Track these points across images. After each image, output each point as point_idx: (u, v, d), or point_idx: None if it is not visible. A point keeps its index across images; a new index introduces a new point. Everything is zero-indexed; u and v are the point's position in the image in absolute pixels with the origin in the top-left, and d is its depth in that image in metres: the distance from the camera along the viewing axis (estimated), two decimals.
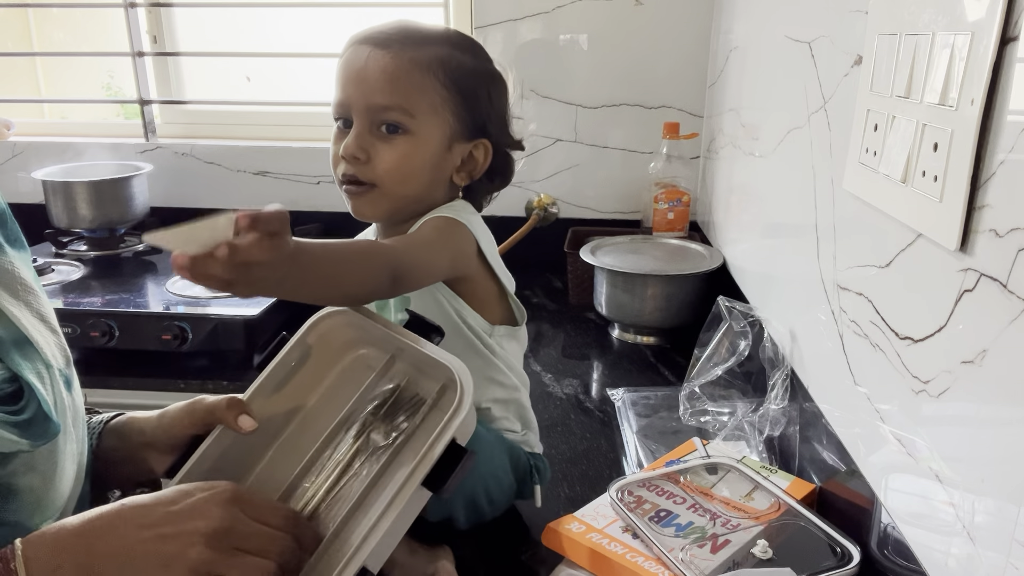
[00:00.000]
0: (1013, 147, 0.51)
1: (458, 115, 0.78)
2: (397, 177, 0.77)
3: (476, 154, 0.81)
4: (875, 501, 0.71)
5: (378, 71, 0.75)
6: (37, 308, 0.65)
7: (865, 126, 0.73)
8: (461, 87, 0.78)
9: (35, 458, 0.60)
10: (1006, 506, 0.50)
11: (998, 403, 0.52)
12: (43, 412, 0.60)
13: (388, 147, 0.76)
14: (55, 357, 0.65)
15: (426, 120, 0.76)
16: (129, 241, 1.73)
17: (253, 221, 0.52)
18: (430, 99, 0.76)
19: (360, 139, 0.76)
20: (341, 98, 0.77)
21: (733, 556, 0.73)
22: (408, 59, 0.75)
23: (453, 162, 0.80)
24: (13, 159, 1.86)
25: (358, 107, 0.76)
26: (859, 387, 0.76)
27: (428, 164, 0.78)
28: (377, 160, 0.76)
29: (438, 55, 0.77)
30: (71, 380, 0.67)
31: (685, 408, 1.04)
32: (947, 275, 0.58)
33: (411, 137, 0.76)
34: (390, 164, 0.76)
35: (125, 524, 0.54)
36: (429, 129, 0.77)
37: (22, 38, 2.06)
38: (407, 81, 0.75)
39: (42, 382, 0.61)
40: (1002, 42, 0.52)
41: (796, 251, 0.99)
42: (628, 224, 1.72)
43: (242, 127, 1.89)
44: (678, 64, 1.65)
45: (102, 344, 1.28)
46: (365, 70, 0.75)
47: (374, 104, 0.75)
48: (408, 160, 0.77)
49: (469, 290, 0.81)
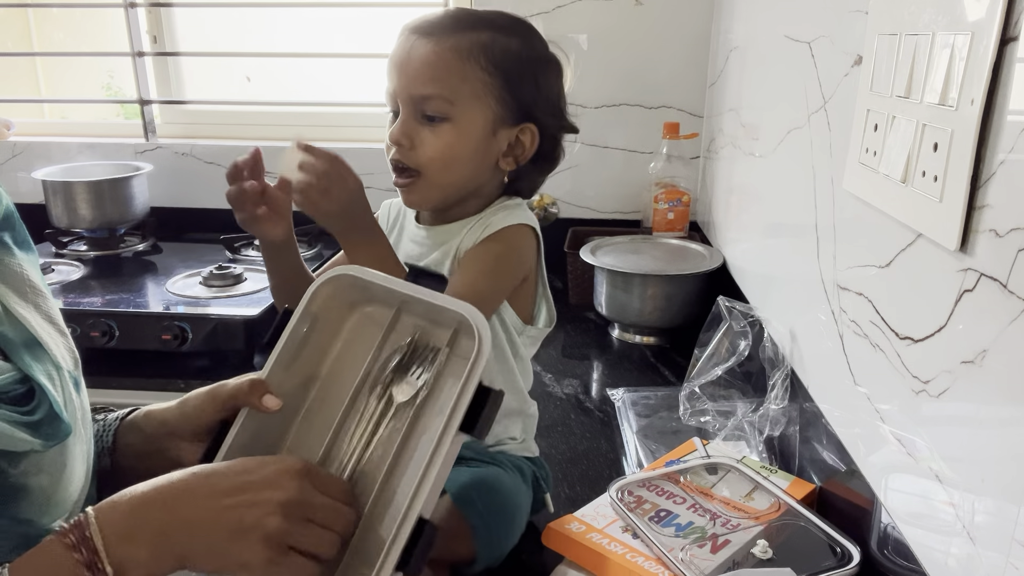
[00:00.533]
0: (1013, 147, 0.51)
1: (502, 100, 0.78)
2: (440, 164, 0.78)
3: (523, 138, 0.81)
4: (875, 501, 0.71)
5: (419, 61, 0.76)
6: (46, 310, 0.66)
7: (865, 126, 0.73)
8: (505, 71, 0.78)
9: (45, 458, 0.60)
10: (1006, 506, 0.50)
11: (998, 403, 0.52)
12: (54, 412, 0.60)
13: (431, 135, 0.77)
14: (64, 359, 0.65)
15: (468, 107, 0.77)
16: (129, 241, 1.73)
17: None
18: (471, 86, 0.77)
19: (405, 126, 0.77)
20: (389, 88, 0.79)
21: (733, 556, 0.73)
22: (449, 47, 0.76)
23: (499, 147, 0.80)
24: (13, 159, 1.86)
25: (403, 96, 0.77)
26: (859, 387, 0.76)
27: (472, 150, 0.79)
28: (421, 147, 0.78)
29: (480, 40, 0.77)
30: (79, 382, 0.67)
31: (685, 408, 1.04)
32: (947, 275, 0.58)
33: (453, 125, 0.77)
34: (433, 151, 0.77)
35: (201, 491, 0.55)
36: (471, 115, 0.77)
37: (22, 38, 2.06)
38: (447, 69, 0.76)
39: (52, 383, 0.61)
40: (1002, 42, 0.52)
41: (796, 251, 0.99)
42: (628, 224, 1.72)
43: (242, 127, 1.89)
44: (678, 64, 1.65)
45: (102, 344, 1.28)
46: (408, 60, 0.77)
47: (416, 94, 0.77)
48: (451, 147, 0.77)
49: (516, 288, 0.82)
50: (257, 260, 1.60)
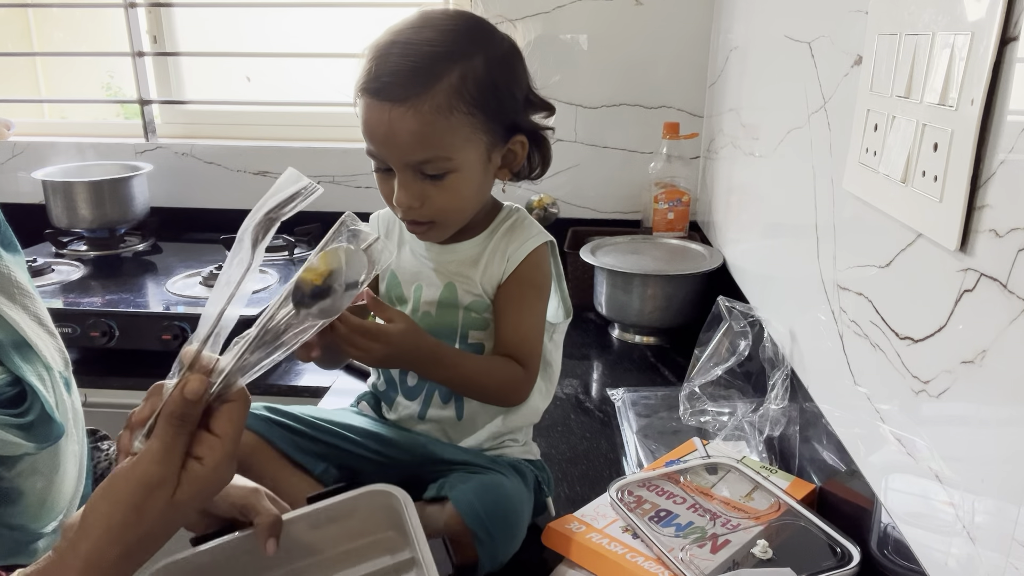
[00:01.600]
0: (1013, 147, 0.51)
1: (489, 130, 0.78)
2: (454, 210, 0.79)
3: (514, 148, 0.81)
4: (875, 501, 0.71)
5: (406, 133, 0.73)
6: (34, 311, 0.65)
7: (865, 126, 0.73)
8: (483, 103, 0.76)
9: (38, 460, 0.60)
10: (1006, 506, 0.50)
11: (998, 403, 0.52)
12: (46, 414, 0.60)
13: (438, 189, 0.77)
14: (54, 360, 0.65)
15: (464, 153, 0.76)
16: (129, 241, 1.73)
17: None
18: (462, 133, 0.75)
19: (408, 189, 0.76)
20: (374, 152, 0.77)
21: (733, 556, 0.73)
22: (429, 109, 0.73)
23: (495, 166, 0.81)
24: (13, 159, 1.86)
25: (397, 164, 0.76)
26: (859, 387, 0.76)
27: (477, 186, 0.80)
28: (431, 202, 0.77)
29: (452, 85, 0.73)
30: (70, 382, 0.67)
31: (685, 408, 1.04)
32: (947, 275, 0.58)
33: (458, 174, 0.77)
34: (445, 203, 0.78)
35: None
36: (469, 158, 0.77)
37: (22, 38, 2.06)
38: (435, 132, 0.74)
39: (44, 384, 0.61)
40: (1002, 42, 0.52)
41: (796, 251, 0.99)
42: (628, 224, 1.72)
43: (242, 127, 1.89)
44: (678, 64, 1.65)
45: (102, 344, 1.28)
46: (391, 134, 0.74)
47: (412, 161, 0.75)
48: (460, 193, 0.78)
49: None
50: None
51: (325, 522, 0.72)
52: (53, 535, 0.63)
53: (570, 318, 0.91)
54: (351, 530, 0.73)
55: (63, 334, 1.26)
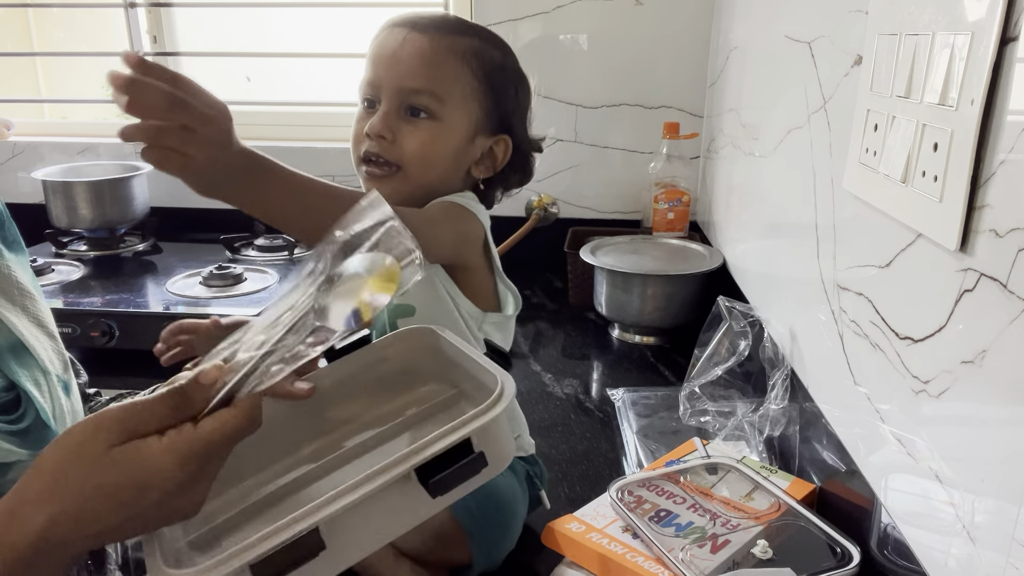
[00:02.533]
0: (1013, 147, 0.51)
1: (485, 107, 0.79)
2: (421, 161, 0.77)
3: (496, 149, 0.82)
4: (875, 501, 0.71)
5: (414, 53, 0.75)
6: (35, 313, 0.64)
7: (865, 126, 0.73)
8: (492, 80, 0.78)
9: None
10: (1006, 506, 0.50)
11: (998, 403, 0.52)
12: (41, 420, 0.59)
13: (414, 130, 0.76)
14: (52, 363, 0.64)
15: (455, 108, 0.77)
16: (129, 241, 1.73)
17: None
18: (461, 87, 0.77)
19: (387, 119, 0.76)
20: (371, 77, 0.77)
21: (733, 556, 0.73)
22: (445, 45, 0.76)
23: (473, 155, 0.80)
24: (13, 159, 1.86)
25: (389, 88, 0.76)
26: (859, 387, 0.76)
27: (451, 152, 0.78)
28: (403, 141, 0.76)
29: (473, 46, 0.77)
30: (69, 385, 0.66)
31: (685, 408, 1.04)
32: (947, 275, 0.58)
33: (438, 123, 0.76)
34: (415, 147, 0.76)
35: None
36: (456, 117, 0.77)
37: (22, 38, 2.05)
38: (442, 66, 0.76)
39: (39, 390, 0.60)
40: (1002, 42, 0.52)
41: (796, 251, 0.99)
42: (628, 224, 1.72)
43: (242, 127, 1.87)
44: (678, 64, 1.65)
45: (102, 344, 1.28)
46: (401, 51, 0.75)
47: (406, 86, 0.75)
48: (433, 145, 0.77)
49: (465, 279, 0.81)
50: (257, 260, 1.60)
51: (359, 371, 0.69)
52: None
53: (519, 308, 0.86)
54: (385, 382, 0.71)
55: (63, 334, 1.26)
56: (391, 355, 0.73)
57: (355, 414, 0.71)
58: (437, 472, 0.54)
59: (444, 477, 0.53)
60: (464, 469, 0.55)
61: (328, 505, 0.50)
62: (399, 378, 0.73)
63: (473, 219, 0.80)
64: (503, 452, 0.59)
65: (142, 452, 0.46)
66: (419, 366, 0.73)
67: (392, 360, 0.73)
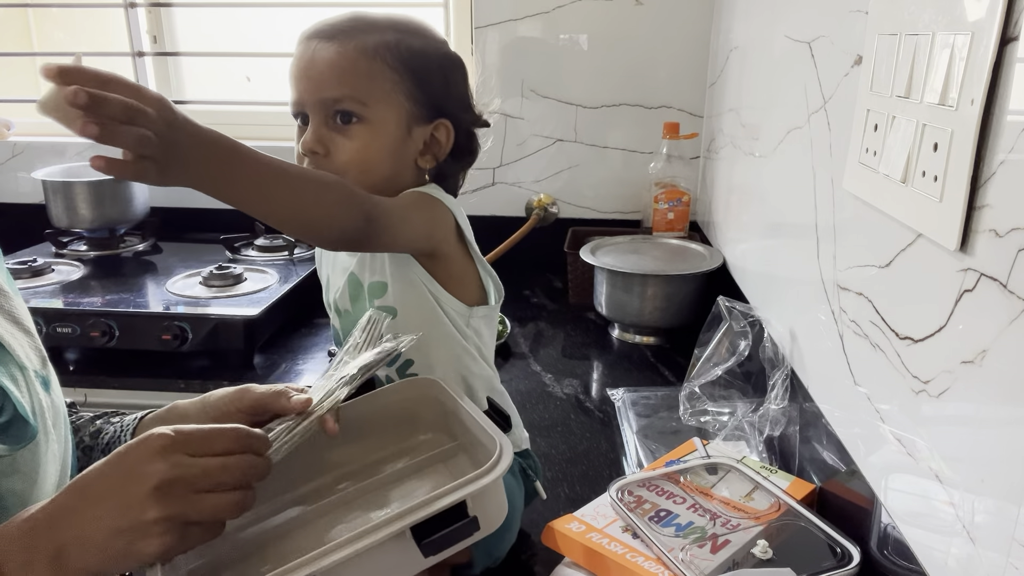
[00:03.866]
0: (1013, 147, 0.51)
1: (413, 97, 0.78)
2: (359, 167, 0.76)
3: (438, 135, 0.81)
4: (875, 501, 0.71)
5: (325, 63, 0.75)
6: (8, 310, 0.64)
7: (865, 126, 0.73)
8: (412, 69, 0.77)
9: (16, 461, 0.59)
10: (1006, 506, 0.50)
11: (998, 403, 0.52)
12: (19, 416, 0.59)
13: (345, 138, 0.76)
14: (30, 359, 0.64)
15: (379, 106, 0.76)
16: (129, 241, 1.73)
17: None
18: (380, 85, 0.76)
19: (317, 133, 0.75)
20: (294, 95, 0.77)
21: (733, 556, 0.73)
22: (353, 47, 0.75)
23: (415, 146, 0.80)
24: (13, 159, 1.86)
25: (311, 102, 0.76)
26: (859, 387, 0.76)
27: (388, 150, 0.78)
28: (337, 152, 0.76)
29: (384, 40, 0.76)
30: (48, 380, 0.66)
31: (685, 408, 1.04)
32: (947, 275, 0.58)
33: (367, 125, 0.76)
34: (350, 154, 0.76)
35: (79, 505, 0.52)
36: (384, 115, 0.76)
37: (22, 38, 2.05)
38: (354, 70, 0.75)
39: (16, 385, 0.60)
40: (1002, 42, 0.52)
41: (796, 251, 0.99)
42: (628, 224, 1.72)
43: (242, 127, 1.89)
44: (678, 64, 1.65)
45: (102, 344, 1.28)
46: (313, 64, 0.75)
47: (325, 97, 0.75)
48: (367, 148, 0.76)
49: (445, 270, 0.80)
50: (257, 260, 1.60)
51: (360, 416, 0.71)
52: None
53: (502, 297, 0.86)
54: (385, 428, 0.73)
55: (63, 334, 1.27)
56: (393, 402, 0.74)
57: (353, 458, 0.72)
58: (431, 532, 0.56)
59: (437, 539, 0.56)
60: (457, 532, 0.57)
61: (324, 557, 0.53)
62: (399, 425, 0.74)
63: (439, 205, 0.79)
64: (496, 515, 0.61)
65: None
66: (420, 415, 0.75)
67: (394, 407, 0.74)
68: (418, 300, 0.79)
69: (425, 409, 0.75)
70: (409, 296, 0.79)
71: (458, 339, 0.82)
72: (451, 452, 0.71)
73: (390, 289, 0.79)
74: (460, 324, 0.82)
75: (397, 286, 0.79)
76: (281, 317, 1.41)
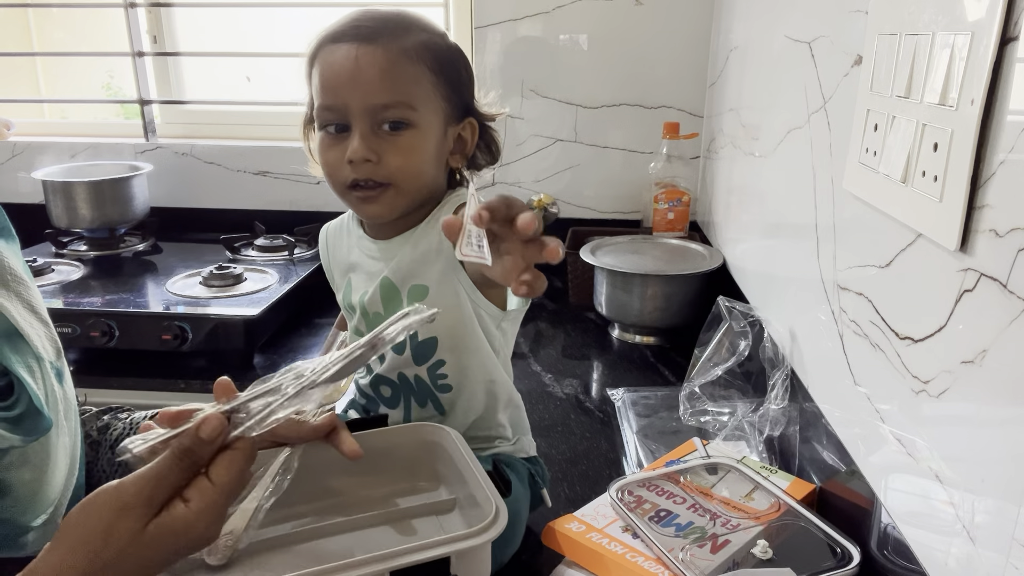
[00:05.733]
0: (1013, 147, 0.51)
1: (448, 98, 0.77)
2: (410, 172, 0.76)
3: (464, 135, 0.81)
4: (875, 501, 0.71)
5: (373, 69, 0.72)
6: (27, 299, 0.64)
7: (865, 126, 0.73)
8: (446, 69, 0.77)
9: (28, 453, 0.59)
10: (1006, 506, 0.50)
11: (998, 403, 0.52)
12: (34, 407, 0.59)
13: (395, 144, 0.74)
14: (46, 349, 0.64)
15: (426, 110, 0.75)
16: (129, 241, 1.73)
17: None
18: (424, 88, 0.75)
19: (367, 141, 0.74)
20: (332, 102, 0.74)
21: (733, 556, 0.73)
22: (397, 50, 0.73)
23: (448, 146, 0.80)
24: (13, 159, 1.87)
25: (358, 110, 0.73)
26: (859, 387, 0.76)
27: (433, 153, 0.78)
28: (388, 159, 0.74)
29: (421, 40, 0.75)
30: (62, 372, 0.66)
31: (685, 408, 1.04)
32: (947, 275, 0.58)
33: (416, 130, 0.75)
34: (402, 161, 0.74)
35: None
36: (429, 118, 0.76)
37: (22, 38, 2.06)
38: (403, 73, 0.73)
39: (32, 376, 0.60)
40: (1002, 42, 0.52)
41: (796, 251, 0.99)
42: (628, 224, 1.72)
43: (242, 127, 1.90)
44: (678, 64, 1.65)
45: (102, 344, 1.28)
46: (358, 70, 0.72)
47: (375, 103, 0.73)
48: (418, 153, 0.76)
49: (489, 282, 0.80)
50: (257, 260, 1.60)
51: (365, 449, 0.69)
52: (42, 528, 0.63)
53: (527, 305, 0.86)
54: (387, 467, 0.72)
55: (63, 334, 1.26)
56: (403, 443, 0.74)
57: (348, 490, 0.72)
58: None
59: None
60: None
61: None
62: (402, 468, 0.74)
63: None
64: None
65: (177, 523, 0.52)
66: (424, 462, 0.74)
67: (402, 448, 0.73)
68: (458, 304, 0.79)
69: (431, 457, 0.74)
70: (450, 301, 0.78)
71: (487, 346, 0.82)
72: (446, 506, 0.71)
73: (431, 292, 0.79)
74: (491, 328, 0.82)
75: (439, 289, 0.79)
76: (281, 317, 1.41)
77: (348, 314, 0.88)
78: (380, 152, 0.74)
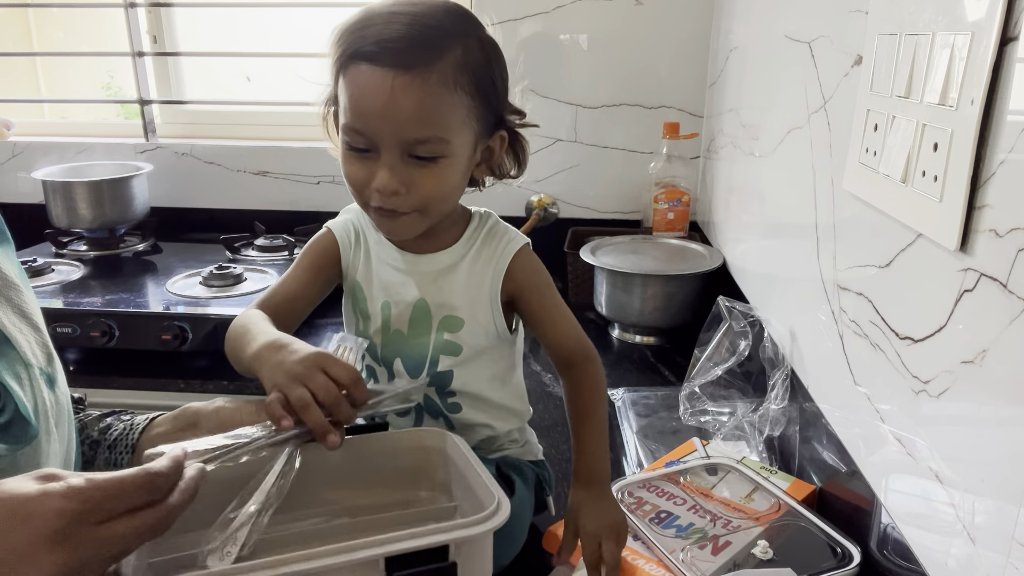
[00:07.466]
0: (1013, 147, 0.51)
1: (481, 118, 0.73)
2: (438, 199, 0.73)
3: (493, 145, 0.77)
4: (875, 501, 0.71)
5: (410, 106, 0.67)
6: (19, 304, 0.63)
7: (865, 126, 0.73)
8: (483, 87, 0.72)
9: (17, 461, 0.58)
10: (1006, 506, 0.50)
11: (998, 403, 0.52)
12: (21, 415, 0.58)
13: (425, 174, 0.71)
14: (36, 355, 0.62)
15: (460, 139, 0.72)
16: (129, 241, 1.73)
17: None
18: (459, 115, 0.71)
19: (396, 172, 0.70)
20: (362, 127, 0.69)
21: (734, 557, 0.73)
22: (436, 81, 0.68)
23: (476, 160, 0.77)
24: (13, 159, 1.86)
25: (388, 141, 0.69)
26: (859, 387, 0.76)
27: (462, 175, 0.75)
28: (417, 188, 0.71)
29: (456, 60, 0.69)
30: (54, 378, 0.65)
31: (685, 408, 1.04)
32: (947, 275, 0.58)
33: (448, 159, 0.71)
34: (431, 190, 0.71)
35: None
36: (462, 144, 0.72)
37: (22, 38, 2.06)
38: (440, 107, 0.69)
39: (20, 384, 0.59)
40: (1002, 42, 0.52)
41: (796, 251, 0.99)
42: (628, 224, 1.72)
43: (242, 127, 1.89)
44: (678, 64, 1.65)
45: (102, 344, 1.28)
46: (394, 105, 0.67)
47: (408, 138, 0.69)
48: (447, 181, 0.72)
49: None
50: (257, 260, 1.60)
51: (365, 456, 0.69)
52: None
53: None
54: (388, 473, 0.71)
55: (63, 334, 1.27)
56: (401, 448, 0.72)
57: (346, 496, 0.70)
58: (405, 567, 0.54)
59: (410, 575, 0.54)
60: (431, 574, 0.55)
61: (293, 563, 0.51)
62: (401, 475, 0.73)
63: (530, 250, 0.83)
64: (477, 571, 0.59)
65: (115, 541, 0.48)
66: (424, 468, 0.73)
67: (401, 454, 0.72)
68: (485, 336, 0.80)
69: (431, 462, 0.73)
70: (480, 340, 0.80)
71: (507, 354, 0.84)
72: (447, 513, 0.69)
73: (466, 327, 0.79)
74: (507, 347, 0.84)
75: (473, 327, 0.79)
76: None
77: (357, 318, 0.84)
78: (409, 183, 0.70)
